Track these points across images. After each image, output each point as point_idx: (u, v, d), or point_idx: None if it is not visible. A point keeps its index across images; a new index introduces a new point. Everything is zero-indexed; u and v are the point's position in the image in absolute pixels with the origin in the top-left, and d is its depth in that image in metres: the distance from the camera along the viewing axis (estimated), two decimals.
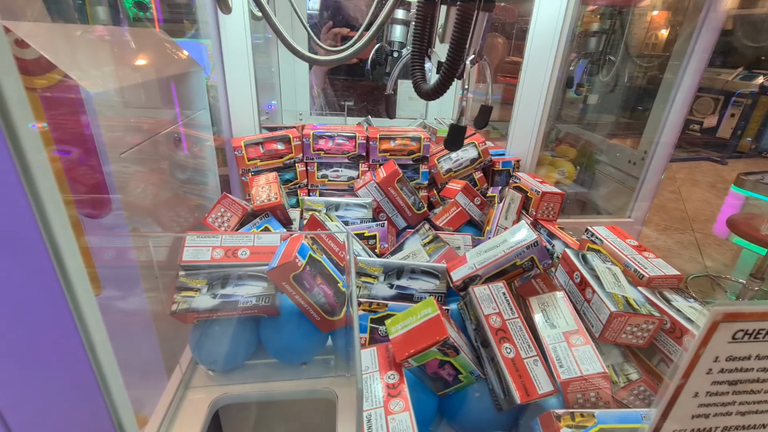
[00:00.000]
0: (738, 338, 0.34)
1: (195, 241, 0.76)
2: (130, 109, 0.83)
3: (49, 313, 0.27)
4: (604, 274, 0.69)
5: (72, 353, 0.28)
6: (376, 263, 0.78)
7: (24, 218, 0.24)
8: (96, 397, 0.30)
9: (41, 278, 0.26)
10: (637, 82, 2.02)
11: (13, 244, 0.25)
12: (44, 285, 0.25)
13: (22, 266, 0.25)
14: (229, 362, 0.80)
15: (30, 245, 0.25)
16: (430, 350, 0.54)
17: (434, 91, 0.61)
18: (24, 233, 0.25)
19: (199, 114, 1.13)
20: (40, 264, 0.25)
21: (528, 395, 0.55)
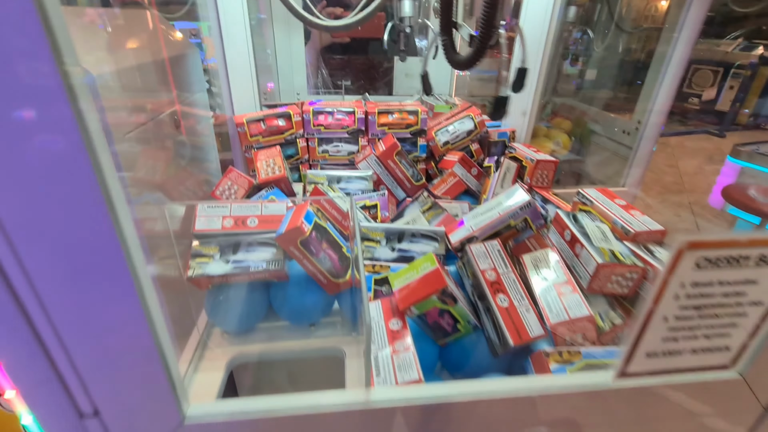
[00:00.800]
0: (701, 266, 0.38)
1: (206, 211, 0.80)
2: (128, 92, 0.86)
3: (101, 248, 0.31)
4: (593, 231, 0.74)
5: (122, 286, 0.32)
6: (378, 228, 0.82)
7: (77, 155, 0.28)
8: (142, 327, 0.35)
9: (96, 218, 0.30)
10: (634, 55, 2.03)
11: (70, 182, 0.29)
12: (98, 223, 0.30)
13: (78, 204, 0.29)
14: (242, 324, 0.85)
15: (85, 187, 0.29)
16: (430, 298, 0.59)
17: (470, 60, 0.65)
18: (78, 170, 0.29)
19: (197, 96, 1.16)
20: (94, 202, 0.29)
21: (520, 338, 0.60)
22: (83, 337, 0.34)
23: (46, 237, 0.30)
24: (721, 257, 0.38)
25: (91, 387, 0.37)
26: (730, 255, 0.38)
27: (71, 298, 0.33)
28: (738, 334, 0.44)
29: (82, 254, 0.31)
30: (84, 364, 0.35)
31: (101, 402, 0.38)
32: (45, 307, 0.32)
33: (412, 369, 0.49)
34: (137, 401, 0.39)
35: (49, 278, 0.31)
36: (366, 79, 2.45)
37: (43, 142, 0.27)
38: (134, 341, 0.36)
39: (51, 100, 0.26)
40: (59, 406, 0.37)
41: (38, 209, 0.29)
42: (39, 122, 0.26)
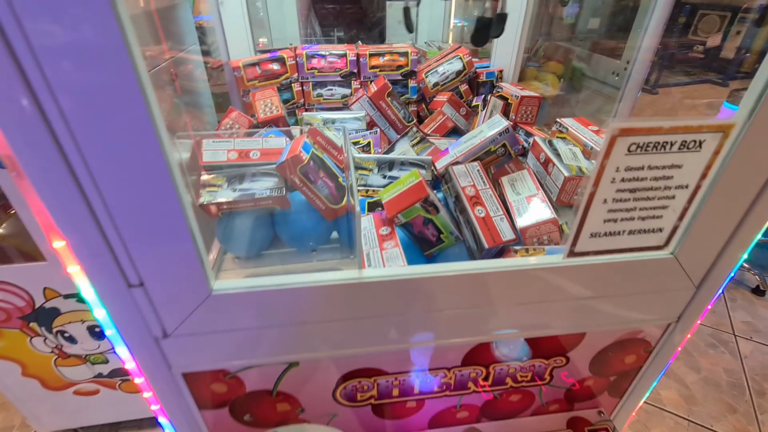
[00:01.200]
0: (632, 151, 0.46)
1: (211, 145, 0.87)
2: None
3: (146, 145, 0.39)
4: (564, 153, 0.81)
5: (162, 178, 0.40)
6: (371, 158, 0.90)
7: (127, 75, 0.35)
8: (178, 213, 0.43)
9: (140, 116, 0.37)
10: None
11: (116, 93, 0.36)
12: (141, 122, 0.37)
13: (126, 111, 0.36)
14: (251, 249, 0.95)
15: (131, 92, 0.36)
16: (415, 206, 0.67)
17: None
18: (124, 80, 0.36)
19: (192, 48, 1.19)
20: (139, 112, 0.37)
21: (494, 241, 0.69)
22: (132, 219, 0.43)
23: (106, 140, 0.37)
24: (648, 143, 0.46)
25: (137, 261, 0.46)
26: (657, 141, 0.46)
27: (124, 187, 0.41)
28: (669, 216, 0.53)
29: (132, 154, 0.39)
30: (132, 241, 0.44)
31: (145, 274, 0.47)
32: (103, 196, 0.40)
33: (398, 260, 0.59)
34: (175, 275, 0.48)
35: (106, 172, 0.39)
36: (358, 29, 2.43)
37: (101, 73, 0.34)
38: (172, 224, 0.44)
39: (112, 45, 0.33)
40: (112, 277, 0.46)
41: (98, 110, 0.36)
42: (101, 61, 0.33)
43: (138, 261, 0.46)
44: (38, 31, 0.32)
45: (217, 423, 0.66)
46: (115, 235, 0.43)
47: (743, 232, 0.56)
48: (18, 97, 0.34)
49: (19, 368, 1.60)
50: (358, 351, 0.60)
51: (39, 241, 1.27)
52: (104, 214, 0.42)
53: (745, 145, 0.48)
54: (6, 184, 1.16)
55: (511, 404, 0.75)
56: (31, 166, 0.38)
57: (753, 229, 0.56)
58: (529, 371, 0.69)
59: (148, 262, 0.46)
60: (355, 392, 0.65)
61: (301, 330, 0.56)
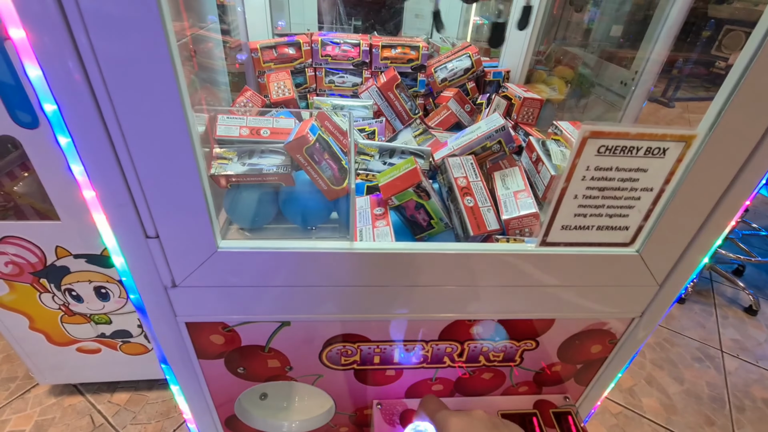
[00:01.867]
0: (602, 152, 0.51)
1: (225, 121, 0.93)
2: None
3: (171, 114, 0.44)
4: (555, 153, 0.86)
5: (182, 141, 0.46)
6: (373, 144, 0.95)
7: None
8: (194, 173, 0.49)
9: (169, 90, 0.43)
10: (644, 5, 2.01)
11: (150, 66, 0.42)
12: (171, 95, 0.43)
13: (159, 82, 0.42)
14: (255, 222, 1.01)
15: (163, 64, 0.42)
16: (408, 191, 0.73)
17: None
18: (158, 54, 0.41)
19: (212, 26, 1.24)
20: (168, 83, 0.42)
21: (479, 230, 0.74)
22: (154, 176, 0.49)
23: (138, 105, 0.43)
24: (616, 146, 0.51)
25: (156, 215, 0.52)
26: (624, 145, 0.51)
27: (150, 148, 0.47)
28: (634, 215, 0.58)
29: (159, 119, 0.45)
30: (152, 196, 0.50)
31: (161, 228, 0.53)
32: (131, 154, 0.46)
33: (387, 237, 0.64)
34: (187, 230, 0.54)
35: (135, 133, 0.45)
36: (376, 19, 2.46)
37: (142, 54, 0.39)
38: (188, 184, 0.50)
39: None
40: (132, 228, 0.52)
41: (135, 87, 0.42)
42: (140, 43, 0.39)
43: (156, 215, 0.52)
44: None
45: (212, 372, 0.73)
46: (138, 189, 0.49)
47: (704, 236, 0.61)
48: (68, 62, 0.40)
49: (27, 322, 1.69)
50: (345, 317, 0.66)
51: (55, 201, 1.34)
52: (131, 170, 0.48)
53: (706, 155, 0.53)
54: (29, 144, 1.22)
55: (483, 382, 0.81)
56: (73, 125, 0.44)
57: (713, 233, 0.61)
58: (501, 352, 0.75)
59: (165, 216, 0.52)
60: (340, 356, 0.72)
61: (294, 292, 0.62)
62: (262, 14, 1.29)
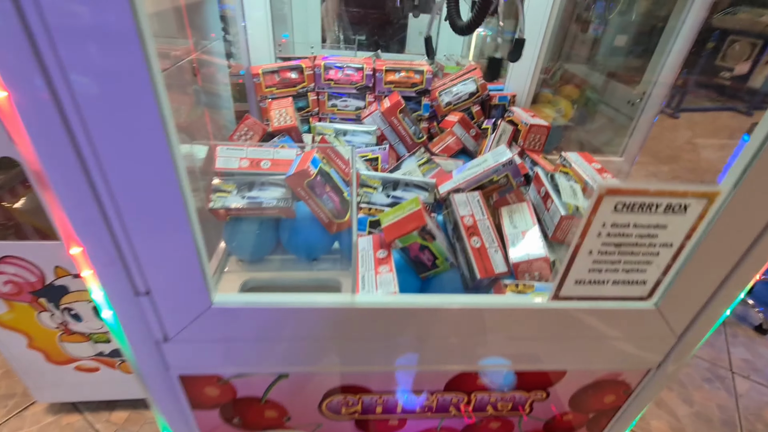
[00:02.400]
0: (619, 209, 0.48)
1: (225, 152, 0.91)
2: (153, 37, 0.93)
3: (159, 161, 0.42)
4: (564, 189, 0.83)
5: (172, 191, 0.44)
6: (376, 176, 0.92)
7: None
8: (185, 227, 0.47)
9: (155, 131, 0.41)
10: (647, 18, 1.99)
11: (133, 103, 0.39)
12: (157, 136, 0.40)
13: (143, 120, 0.40)
14: (254, 254, 0.98)
15: (146, 101, 0.39)
16: (412, 234, 0.70)
17: (469, 26, 0.70)
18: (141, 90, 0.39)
19: (215, 44, 1.23)
20: (154, 120, 0.40)
21: (486, 273, 0.71)
22: (142, 231, 0.46)
23: (125, 157, 0.41)
24: (635, 203, 0.48)
25: (147, 272, 0.49)
26: (643, 202, 0.48)
27: (139, 204, 0.44)
28: (652, 270, 0.55)
29: (147, 174, 0.42)
30: (143, 254, 0.47)
31: (153, 284, 0.50)
32: (119, 210, 0.43)
33: (390, 285, 0.61)
34: (179, 287, 0.51)
35: (123, 189, 0.43)
36: (380, 35, 2.45)
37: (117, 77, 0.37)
38: (178, 239, 0.47)
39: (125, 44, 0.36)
40: (122, 285, 0.50)
41: (118, 129, 0.39)
42: (114, 63, 0.36)
43: (147, 271, 0.49)
44: (74, 63, 0.35)
45: (207, 422, 0.70)
46: (127, 247, 0.47)
47: (727, 289, 0.57)
48: (46, 111, 0.37)
49: (26, 340, 1.67)
50: (346, 369, 0.63)
51: (54, 221, 1.32)
52: (119, 227, 0.45)
53: (730, 211, 0.50)
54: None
55: (490, 431, 0.77)
56: (54, 178, 0.41)
57: (737, 286, 0.57)
58: (510, 401, 0.71)
59: (156, 273, 0.50)
60: (341, 406, 0.68)
61: (293, 345, 0.59)
62: (264, 30, 1.27)
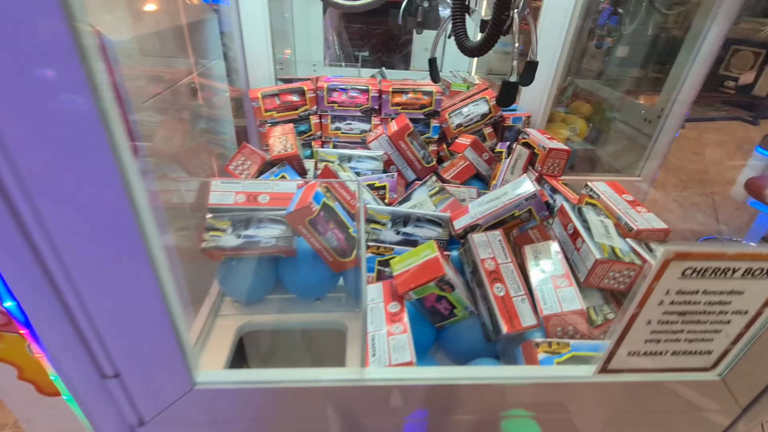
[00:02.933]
0: (687, 275, 0.40)
1: (220, 187, 0.83)
2: (147, 57, 0.86)
3: (121, 228, 0.34)
4: (595, 225, 0.75)
5: (139, 264, 0.35)
6: (385, 211, 0.84)
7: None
8: (157, 301, 0.38)
9: (115, 198, 0.33)
10: (664, 33, 1.92)
11: (88, 162, 0.31)
12: (117, 204, 0.32)
13: (100, 185, 0.32)
14: (251, 295, 0.90)
15: (103, 165, 0.32)
16: (428, 285, 0.61)
17: (480, 48, 0.63)
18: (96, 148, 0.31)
19: (214, 64, 1.16)
20: (113, 181, 0.32)
21: (513, 326, 0.62)
22: (106, 309, 0.38)
23: (72, 218, 0.33)
24: (707, 268, 0.39)
25: (113, 353, 0.41)
26: (717, 267, 0.39)
27: (97, 272, 0.36)
28: (720, 339, 0.46)
29: (108, 232, 0.34)
30: (107, 332, 0.39)
31: (122, 366, 0.42)
32: (73, 282, 0.35)
33: (405, 351, 0.53)
34: (153, 367, 0.43)
35: (79, 257, 0.35)
36: (384, 51, 2.40)
37: (59, 104, 0.29)
38: (151, 315, 0.39)
39: (64, 61, 0.28)
40: (83, 368, 0.41)
41: (60, 184, 0.31)
42: (53, 82, 0.28)
43: (114, 353, 0.41)
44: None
45: None
46: (88, 327, 0.38)
47: None
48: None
49: (16, 372, 1.58)
50: None
51: None
52: (76, 304, 0.37)
53: None
54: None
55: None
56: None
57: None
58: None
59: (126, 353, 0.41)
60: None
61: (293, 428, 0.50)
62: (264, 50, 1.20)
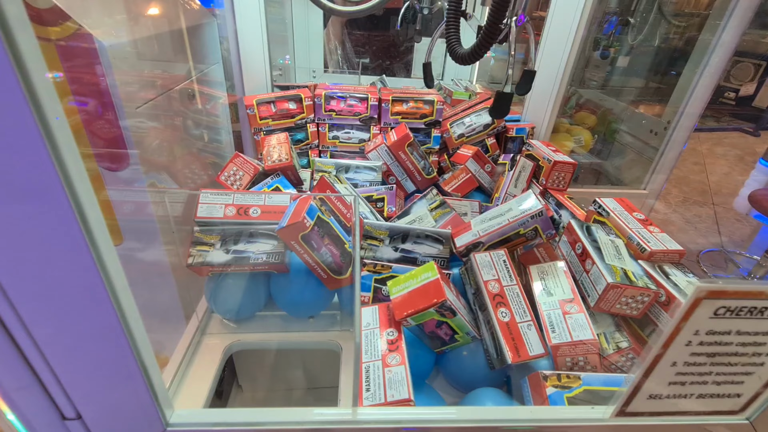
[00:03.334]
0: (720, 314, 0.35)
1: (209, 198, 0.79)
2: (143, 61, 0.83)
3: (73, 260, 0.30)
4: (606, 246, 0.70)
5: (96, 297, 0.31)
6: (383, 227, 0.80)
7: (46, 169, 0.26)
8: (120, 337, 0.34)
9: (65, 228, 0.28)
10: (671, 43, 1.89)
11: (37, 194, 0.27)
12: (68, 234, 0.28)
13: (45, 216, 0.27)
14: (241, 312, 0.85)
15: (52, 196, 0.27)
16: (428, 311, 0.57)
17: (471, 55, 0.60)
18: (46, 184, 0.27)
19: (212, 69, 1.12)
20: (63, 214, 0.28)
21: (519, 356, 0.58)
22: (62, 346, 0.33)
23: (21, 249, 0.29)
24: (742, 307, 0.35)
25: (72, 393, 0.36)
26: (753, 306, 0.35)
27: (48, 308, 0.32)
28: (752, 382, 0.41)
29: (56, 265, 0.30)
30: (64, 371, 0.35)
31: (83, 407, 0.37)
32: (22, 318, 0.31)
33: (402, 387, 0.48)
34: (119, 408, 0.38)
35: (25, 291, 0.30)
36: (385, 58, 2.37)
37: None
38: (113, 352, 0.35)
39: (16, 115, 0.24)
40: (41, 409, 0.37)
41: (12, 223, 0.27)
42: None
43: (73, 393, 0.36)
44: None
45: None
46: (43, 366, 0.34)
47: None
48: None
49: None
50: None
51: None
52: (27, 340, 0.32)
53: None
54: None
55: None
56: None
57: None
58: None
59: (87, 396, 0.37)
60: None
61: None
62: (260, 56, 1.16)
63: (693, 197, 3.77)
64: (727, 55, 1.28)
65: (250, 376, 0.99)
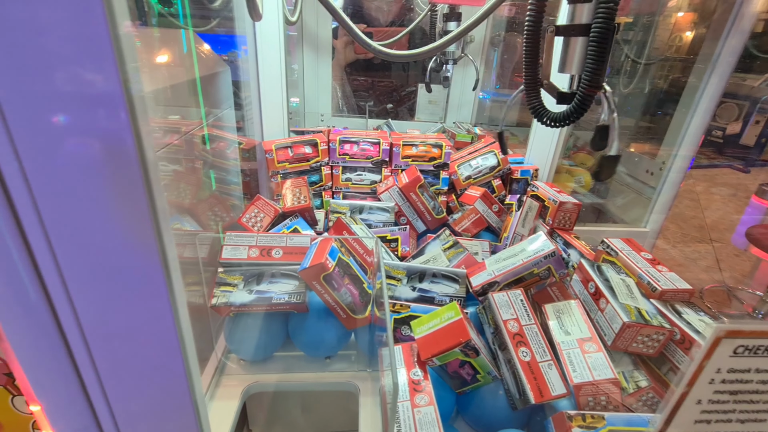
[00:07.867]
0: (739, 353, 0.38)
1: (233, 240, 0.82)
2: (159, 107, 0.88)
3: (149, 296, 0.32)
4: (618, 285, 0.73)
5: (166, 335, 0.33)
6: (400, 266, 0.83)
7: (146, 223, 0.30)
8: (179, 371, 0.36)
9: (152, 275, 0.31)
10: (660, 86, 2.01)
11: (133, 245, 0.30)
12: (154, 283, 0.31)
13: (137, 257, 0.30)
14: (259, 353, 0.86)
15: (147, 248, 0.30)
16: (453, 351, 0.58)
17: (566, 118, 0.63)
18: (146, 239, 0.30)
19: (225, 114, 1.19)
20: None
21: (542, 396, 0.59)
22: (126, 394, 0.35)
23: (98, 288, 0.31)
24: (760, 346, 0.37)
25: None
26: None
27: (117, 349, 0.34)
28: None
29: (130, 301, 0.32)
30: (124, 419, 0.36)
31: None
32: (94, 362, 0.33)
33: (433, 428, 0.49)
34: None
35: (98, 331, 0.33)
36: (389, 102, 2.48)
37: (98, 149, 0.28)
38: (174, 403, 0.36)
39: (111, 107, 0.27)
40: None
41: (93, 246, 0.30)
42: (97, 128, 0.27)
43: None
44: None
45: None
46: (104, 407, 0.36)
47: None
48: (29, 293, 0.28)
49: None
50: None
51: None
52: (95, 384, 0.34)
53: None
54: None
55: None
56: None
57: None
58: None
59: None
60: None
61: None
62: (279, 102, 1.23)
63: (691, 233, 3.83)
64: (716, 98, 1.36)
65: (262, 419, 0.98)
